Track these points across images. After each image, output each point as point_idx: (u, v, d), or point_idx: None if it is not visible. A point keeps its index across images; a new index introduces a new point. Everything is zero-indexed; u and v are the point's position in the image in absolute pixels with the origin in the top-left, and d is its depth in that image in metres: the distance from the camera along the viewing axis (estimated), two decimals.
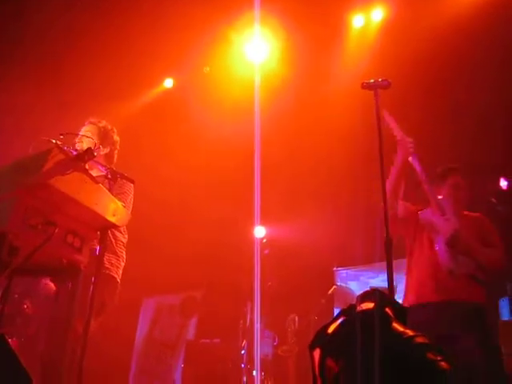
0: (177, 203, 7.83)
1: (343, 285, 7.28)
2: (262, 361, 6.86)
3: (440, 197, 4.22)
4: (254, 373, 6.93)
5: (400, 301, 6.92)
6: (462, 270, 3.91)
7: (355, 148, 7.34)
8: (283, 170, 7.91)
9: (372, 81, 3.43)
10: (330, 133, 7.29)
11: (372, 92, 3.43)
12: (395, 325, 1.88)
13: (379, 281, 6.47)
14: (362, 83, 3.43)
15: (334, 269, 7.53)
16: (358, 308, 1.90)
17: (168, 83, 8.38)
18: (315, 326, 6.35)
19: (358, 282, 7.15)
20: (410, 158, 4.00)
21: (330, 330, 1.91)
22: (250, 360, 6.86)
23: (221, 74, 7.76)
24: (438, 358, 1.80)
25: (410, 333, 1.84)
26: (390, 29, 7.25)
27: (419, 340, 1.82)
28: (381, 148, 3.15)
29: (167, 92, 8.38)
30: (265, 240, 7.51)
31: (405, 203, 4.20)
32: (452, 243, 3.90)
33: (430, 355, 1.80)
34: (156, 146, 7.81)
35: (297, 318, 6.94)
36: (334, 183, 7.66)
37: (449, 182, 4.28)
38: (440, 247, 3.95)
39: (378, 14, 7.45)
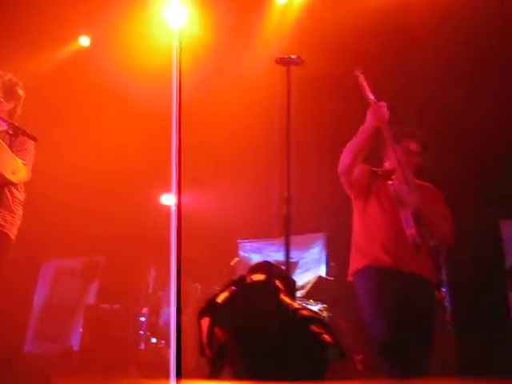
0: (84, 164, 7.63)
1: (246, 257, 7.37)
2: (162, 329, 6.87)
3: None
4: (153, 340, 6.94)
5: (301, 276, 7.14)
6: (427, 244, 3.84)
7: (273, 121, 7.37)
8: (197, 137, 7.86)
9: (286, 57, 3.44)
10: (249, 104, 7.27)
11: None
12: (283, 297, 1.92)
13: (281, 255, 6.58)
14: (276, 58, 3.45)
15: (239, 241, 7.61)
16: (249, 279, 1.93)
17: (84, 41, 8.09)
18: None
19: (261, 255, 7.25)
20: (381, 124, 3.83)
21: (220, 299, 1.93)
22: (150, 327, 6.86)
23: (139, 36, 7.57)
24: (322, 331, 1.84)
25: (296, 305, 1.89)
26: (312, 7, 7.28)
27: (304, 313, 1.87)
28: (288, 124, 3.19)
29: (83, 50, 8.09)
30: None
31: (361, 165, 4.03)
32: (418, 216, 3.83)
33: (314, 328, 1.85)
34: (67, 104, 7.57)
35: (199, 287, 6.98)
36: (250, 154, 7.67)
37: (401, 147, 4.08)
38: (407, 219, 3.83)
39: None
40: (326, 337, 1.84)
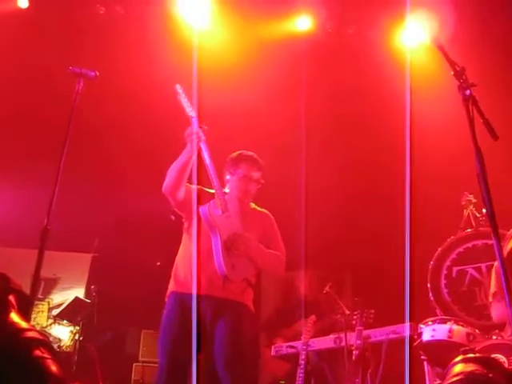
0: None
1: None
2: None
3: (227, 190, 4.03)
4: None
5: (59, 294, 6.88)
6: (236, 275, 3.77)
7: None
8: None
9: (79, 69, 3.36)
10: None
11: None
12: (13, 315, 1.80)
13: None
14: (69, 68, 3.35)
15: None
16: None
17: None
18: None
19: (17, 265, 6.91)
20: (201, 144, 3.80)
21: None
22: None
23: None
24: (46, 356, 1.75)
25: (22, 325, 1.77)
26: None
27: (30, 334, 1.76)
28: (67, 136, 3.10)
29: None
30: None
31: (188, 186, 3.97)
32: (230, 245, 3.75)
33: (38, 352, 1.75)
34: None
35: None
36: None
37: (239, 172, 4.08)
38: (216, 248, 3.73)
39: None
40: (49, 361, 1.75)
